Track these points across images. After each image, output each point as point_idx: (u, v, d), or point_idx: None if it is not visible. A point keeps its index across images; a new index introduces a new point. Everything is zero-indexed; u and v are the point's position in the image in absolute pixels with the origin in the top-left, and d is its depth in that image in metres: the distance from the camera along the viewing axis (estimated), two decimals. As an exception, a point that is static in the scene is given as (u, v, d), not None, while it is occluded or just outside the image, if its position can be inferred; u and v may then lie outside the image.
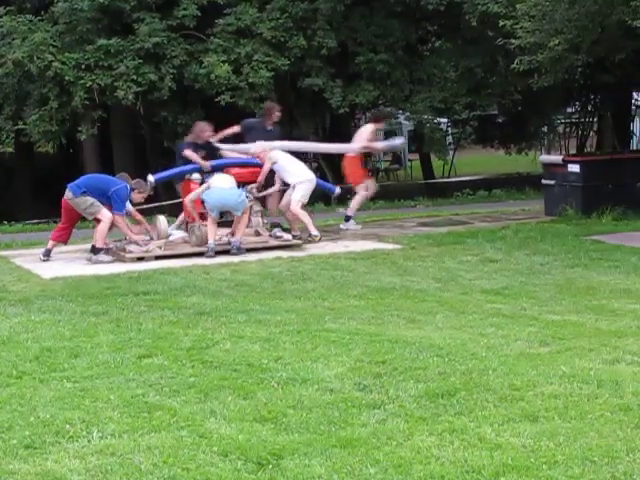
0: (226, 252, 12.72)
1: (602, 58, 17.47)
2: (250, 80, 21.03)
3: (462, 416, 5.06)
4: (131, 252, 12.41)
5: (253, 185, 14.62)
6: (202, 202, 14.66)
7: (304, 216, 14.02)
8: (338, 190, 15.91)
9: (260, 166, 14.53)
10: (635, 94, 26.49)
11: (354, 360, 6.38)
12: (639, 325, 7.35)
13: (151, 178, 15.04)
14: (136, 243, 12.79)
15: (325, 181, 19.71)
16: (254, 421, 5.11)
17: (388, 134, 36.88)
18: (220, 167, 14.39)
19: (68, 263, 12.42)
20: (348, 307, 8.62)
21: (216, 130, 15.16)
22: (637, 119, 29.57)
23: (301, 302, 8.92)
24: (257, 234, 14.10)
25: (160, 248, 12.89)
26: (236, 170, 15.20)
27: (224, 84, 20.90)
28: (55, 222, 18.96)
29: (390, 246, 13.14)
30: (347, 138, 21.35)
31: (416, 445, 4.62)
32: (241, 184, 14.81)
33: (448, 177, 30.63)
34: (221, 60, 21.02)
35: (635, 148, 25.25)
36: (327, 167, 24.86)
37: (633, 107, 27.50)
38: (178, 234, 14.42)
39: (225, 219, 14.72)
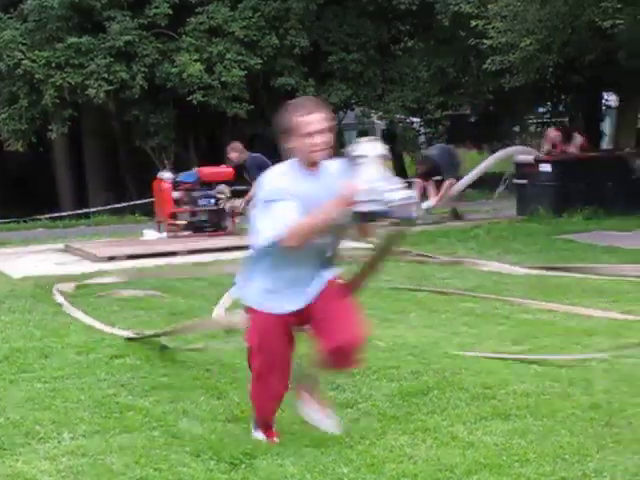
0: (198, 252, 12.69)
1: (573, 59, 17.57)
2: (222, 79, 21.02)
3: (435, 415, 5.06)
4: None
5: (224, 185, 14.62)
6: (175, 201, 14.66)
7: None
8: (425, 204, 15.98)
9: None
10: (605, 94, 26.66)
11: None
12: (609, 324, 7.39)
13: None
14: None
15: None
16: (227, 421, 5.09)
17: (361, 134, 37.06)
18: None
19: (38, 263, 12.34)
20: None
21: None
22: (607, 119, 29.77)
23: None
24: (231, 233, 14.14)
25: None
26: (209, 170, 15.20)
27: (196, 83, 20.87)
28: (25, 221, 18.90)
29: (362, 245, 13.13)
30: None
31: (389, 444, 4.61)
32: (213, 183, 14.82)
33: (420, 176, 30.67)
34: (193, 59, 20.99)
35: (605, 148, 25.41)
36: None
37: (603, 107, 27.66)
38: (152, 234, 14.39)
39: (198, 219, 14.68)
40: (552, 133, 17.52)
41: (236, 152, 15.06)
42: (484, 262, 10.94)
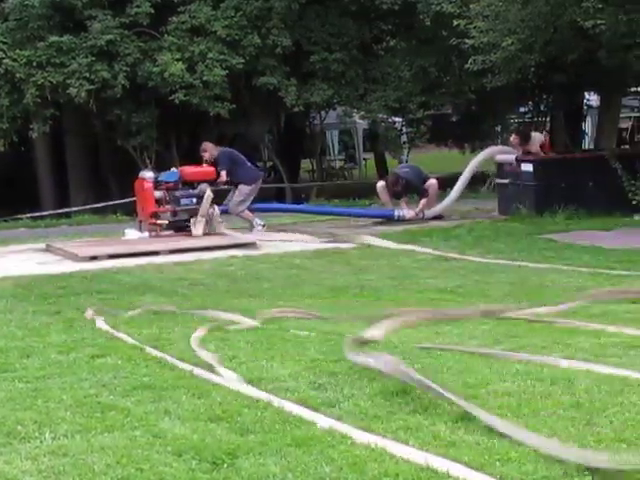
0: (179, 251, 12.68)
1: (555, 58, 17.62)
2: (204, 78, 20.99)
3: (417, 414, 5.06)
4: None
5: (206, 184, 14.61)
6: (156, 201, 14.61)
7: None
8: (397, 213, 16.03)
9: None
10: (587, 94, 26.75)
11: (309, 359, 6.36)
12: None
13: None
14: None
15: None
16: (209, 420, 5.07)
17: (342, 133, 37.10)
18: None
19: (20, 263, 12.29)
20: (303, 306, 8.60)
21: None
22: (589, 119, 29.87)
23: (256, 301, 8.91)
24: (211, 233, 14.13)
25: None
26: (191, 169, 15.19)
27: (178, 82, 20.83)
28: (6, 221, 18.81)
29: (345, 245, 13.16)
30: (302, 137, 21.10)
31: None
32: (195, 183, 14.80)
33: (402, 176, 30.67)
34: (175, 58, 20.94)
35: (587, 148, 25.51)
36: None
37: (585, 107, 27.75)
38: (134, 233, 14.34)
39: (179, 218, 14.65)
40: (511, 138, 17.88)
41: (208, 151, 15.13)
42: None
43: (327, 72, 22.42)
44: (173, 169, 15.63)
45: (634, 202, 15.13)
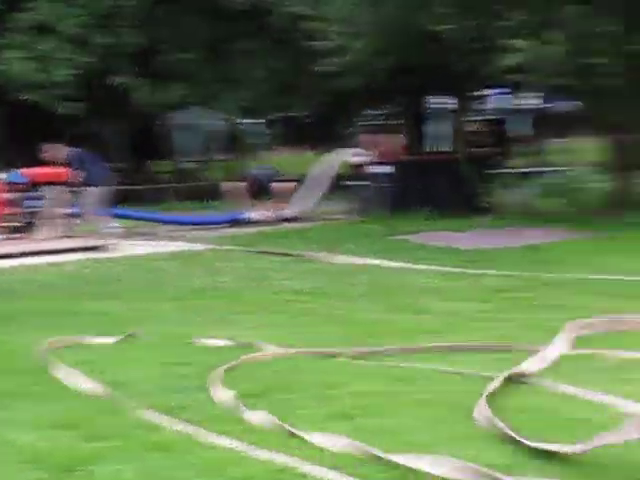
0: (33, 254, 12.32)
1: (404, 62, 17.91)
2: (52, 78, 20.47)
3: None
4: None
5: (50, 187, 14.28)
6: (5, 203, 14.16)
7: None
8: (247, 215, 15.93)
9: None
10: (436, 98, 27.31)
11: (161, 363, 6.23)
12: (448, 322, 7.50)
13: None
14: None
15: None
16: (59, 428, 4.88)
17: (197, 134, 36.79)
18: None
19: None
20: (159, 309, 8.47)
21: None
22: (435, 122, 30.47)
23: (111, 304, 8.71)
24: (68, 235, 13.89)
25: None
26: (36, 171, 14.80)
27: (24, 81, 20.26)
28: None
29: (200, 247, 13.04)
30: (155, 138, 20.49)
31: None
32: (42, 184, 14.44)
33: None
34: (21, 57, 20.37)
35: (430, 150, 26.02)
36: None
37: (429, 110, 28.34)
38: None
39: (28, 220, 14.23)
40: (364, 139, 18.21)
41: (53, 152, 14.73)
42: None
43: (179, 72, 22.23)
44: (17, 170, 15.15)
45: (483, 204, 15.54)
